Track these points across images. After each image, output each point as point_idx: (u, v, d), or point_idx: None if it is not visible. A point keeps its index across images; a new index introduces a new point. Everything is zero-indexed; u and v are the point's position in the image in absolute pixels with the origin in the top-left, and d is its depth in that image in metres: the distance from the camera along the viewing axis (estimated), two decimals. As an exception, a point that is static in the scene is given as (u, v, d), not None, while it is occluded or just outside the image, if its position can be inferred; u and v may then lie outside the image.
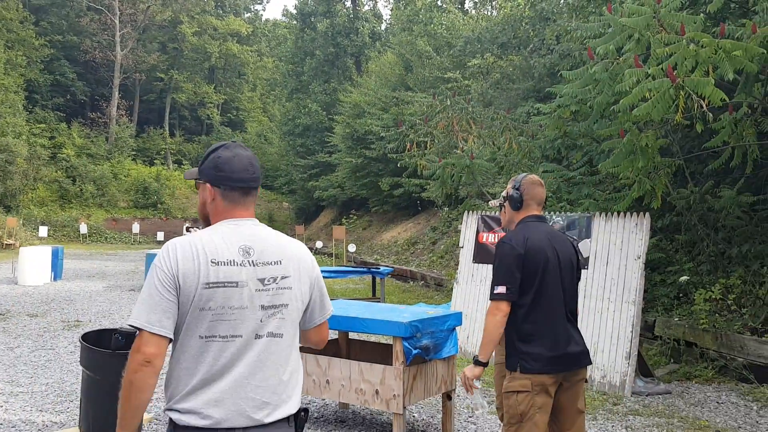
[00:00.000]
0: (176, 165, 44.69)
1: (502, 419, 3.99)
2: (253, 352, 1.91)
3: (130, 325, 1.86)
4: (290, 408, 1.97)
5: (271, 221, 39.38)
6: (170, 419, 1.89)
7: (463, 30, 21.53)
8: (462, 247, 8.40)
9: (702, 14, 6.28)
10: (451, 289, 13.39)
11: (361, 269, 11.19)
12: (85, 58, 44.35)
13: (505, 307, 3.02)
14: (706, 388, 6.89)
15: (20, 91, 36.51)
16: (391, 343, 5.33)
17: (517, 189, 3.28)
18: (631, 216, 6.85)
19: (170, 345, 1.89)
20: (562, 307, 3.16)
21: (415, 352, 4.55)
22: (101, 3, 44.70)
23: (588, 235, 6.87)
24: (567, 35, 10.64)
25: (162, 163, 43.15)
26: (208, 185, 2.03)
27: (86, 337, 4.84)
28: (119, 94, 43.95)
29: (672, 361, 7.78)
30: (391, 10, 38.64)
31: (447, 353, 4.88)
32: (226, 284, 1.88)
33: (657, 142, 6.97)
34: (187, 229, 4.89)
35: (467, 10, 27.03)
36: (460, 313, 5.13)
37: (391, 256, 22.05)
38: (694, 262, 8.96)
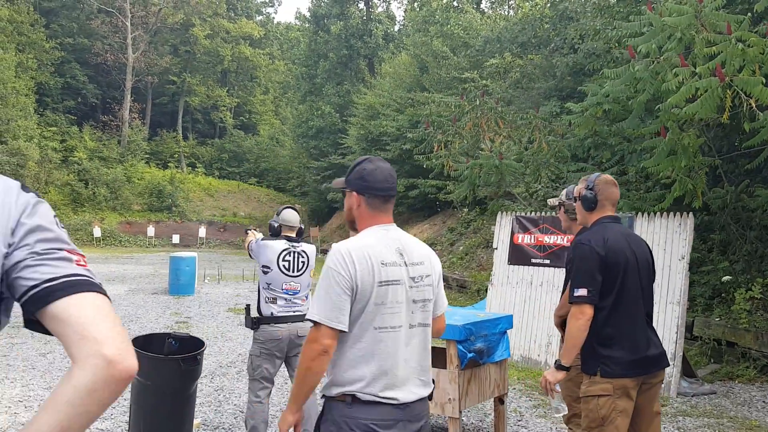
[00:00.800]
0: (190, 168, 44.76)
1: (567, 423, 3.93)
2: (412, 339, 2.29)
3: (309, 319, 2.19)
4: (431, 384, 2.39)
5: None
6: (351, 395, 2.21)
7: (481, 30, 21.45)
8: (496, 249, 8.33)
9: (749, 14, 6.19)
10: (476, 290, 13.36)
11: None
12: (96, 60, 44.44)
13: (588, 311, 2.96)
14: (750, 388, 6.81)
15: (31, 94, 36.58)
16: (440, 345, 5.28)
17: (591, 189, 3.20)
18: (674, 216, 6.77)
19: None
20: (642, 309, 3.12)
21: (469, 356, 4.49)
22: (112, 5, 44.83)
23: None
24: (596, 35, 10.54)
25: (176, 166, 43.18)
26: (354, 193, 2.37)
27: (134, 342, 4.79)
28: (131, 97, 44.04)
29: (712, 361, 7.69)
30: (404, 12, 38.61)
31: (499, 357, 4.82)
32: (392, 282, 2.23)
33: (697, 141, 6.89)
34: (246, 231, 5.04)
35: (483, 10, 26.96)
36: (511, 315, 5.07)
37: (409, 257, 21.99)
38: (728, 262, 8.87)
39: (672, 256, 6.64)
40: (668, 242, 6.69)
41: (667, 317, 6.58)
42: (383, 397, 2.20)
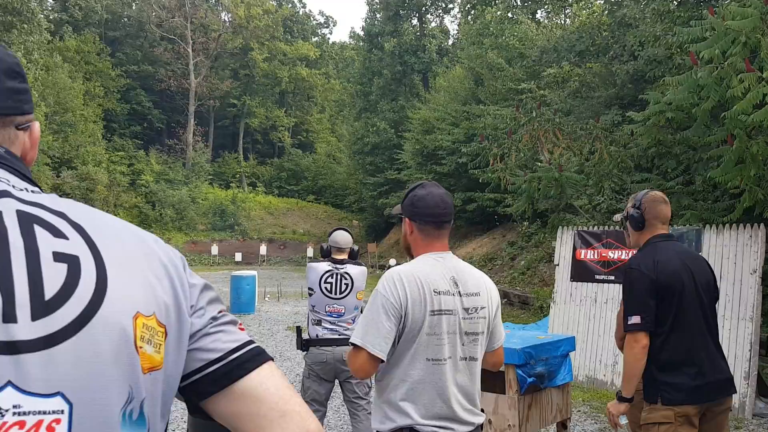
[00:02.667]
0: (251, 187, 45.75)
1: None
2: (460, 373, 2.21)
3: (351, 342, 2.15)
4: (480, 418, 2.29)
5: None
6: (409, 428, 2.15)
7: (537, 40, 21.17)
8: (557, 265, 8.11)
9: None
10: (539, 307, 13.05)
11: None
12: (160, 86, 46.11)
13: (642, 338, 2.84)
14: (835, 411, 6.36)
15: (99, 121, 38.23)
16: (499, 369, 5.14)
17: (638, 208, 3.05)
18: (744, 228, 6.44)
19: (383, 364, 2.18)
20: (704, 332, 2.94)
21: (530, 380, 4.35)
22: (174, 33, 46.47)
23: (698, 249, 6.48)
24: (656, 41, 10.21)
25: (237, 186, 44.25)
26: (407, 220, 2.34)
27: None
28: (194, 120, 45.44)
29: (791, 381, 7.24)
30: (458, 26, 38.58)
31: (561, 380, 4.65)
32: (444, 312, 2.16)
33: (766, 148, 6.55)
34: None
35: (539, 20, 26.62)
36: (573, 337, 4.90)
37: (468, 272, 21.72)
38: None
39: (743, 270, 6.31)
40: (738, 255, 6.36)
41: (739, 334, 6.24)
42: (441, 427, 2.16)
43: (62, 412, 0.73)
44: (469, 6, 30.67)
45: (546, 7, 27.58)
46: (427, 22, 39.15)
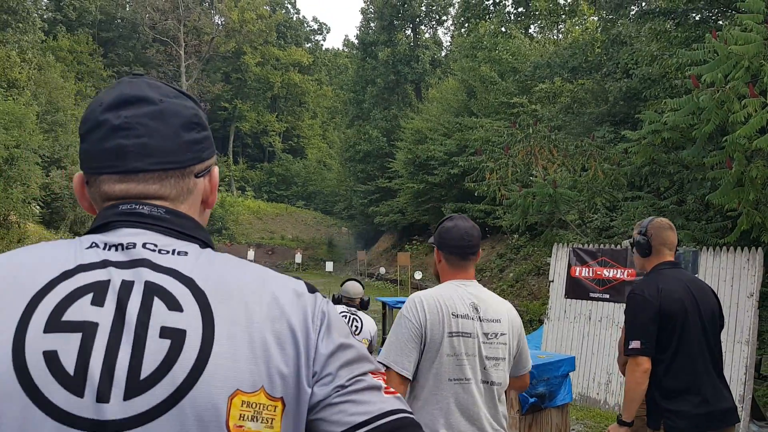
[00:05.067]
0: (240, 191, 45.58)
1: None
2: (483, 394, 2.29)
3: (379, 361, 2.09)
4: None
5: (330, 246, 39.59)
6: None
7: (530, 55, 21.30)
8: (552, 281, 8.12)
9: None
10: (528, 320, 13.04)
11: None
12: (151, 88, 45.90)
13: (644, 363, 2.86)
14: (826, 435, 6.40)
15: (89, 121, 37.95)
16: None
17: (644, 234, 3.08)
18: (742, 251, 6.47)
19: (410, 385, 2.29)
20: (707, 360, 2.97)
21: (531, 400, 4.34)
22: (167, 35, 46.33)
23: (695, 271, 6.51)
24: (653, 61, 10.30)
25: (226, 190, 44.06)
26: (436, 248, 2.50)
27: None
28: (185, 123, 45.24)
29: (783, 403, 7.28)
30: (452, 37, 38.75)
31: (561, 401, 4.65)
32: (462, 334, 2.27)
33: (765, 172, 6.60)
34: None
35: (532, 35, 26.81)
36: (573, 357, 4.90)
37: (457, 283, 21.71)
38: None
39: (740, 293, 6.33)
40: (735, 278, 6.39)
41: (735, 357, 6.27)
42: None
43: None
44: (462, 19, 30.88)
45: (539, 22, 27.82)
46: (420, 33, 39.31)
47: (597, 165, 9.67)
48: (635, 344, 2.88)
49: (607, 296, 7.40)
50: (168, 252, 0.88)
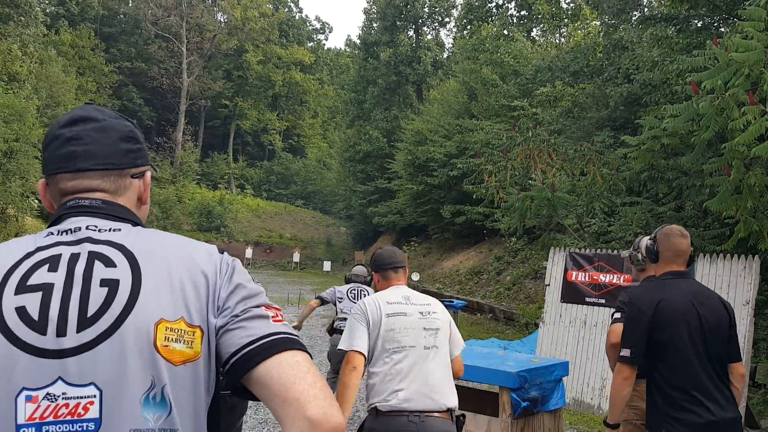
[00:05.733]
0: (239, 189, 45.56)
1: None
2: (428, 359, 2.93)
3: (339, 349, 2.95)
4: (452, 402, 2.92)
5: (328, 246, 39.56)
6: (375, 408, 2.85)
7: (532, 58, 21.29)
8: (548, 285, 8.10)
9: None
10: (524, 324, 13.04)
11: (435, 302, 10.88)
12: (152, 84, 45.87)
13: (625, 370, 2.95)
14: (820, 444, 6.39)
15: (89, 116, 37.88)
16: (488, 390, 5.11)
17: (654, 240, 3.12)
18: (739, 258, 6.46)
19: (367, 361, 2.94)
20: (709, 371, 2.96)
21: (523, 405, 4.32)
22: (169, 31, 46.30)
23: (687, 266, 6.49)
24: (654, 66, 10.28)
25: (225, 188, 44.04)
26: (375, 274, 3.28)
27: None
28: (185, 119, 45.20)
29: (777, 412, 7.26)
30: (454, 39, 38.73)
31: (554, 405, 4.63)
32: (398, 314, 2.98)
33: (764, 180, 6.59)
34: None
35: (534, 38, 26.79)
36: (567, 362, 4.88)
37: (454, 285, 21.69)
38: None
39: (736, 301, 6.32)
40: (732, 286, 6.39)
41: (731, 365, 6.25)
42: (399, 410, 2.80)
43: (94, 396, 1.03)
44: (465, 21, 30.86)
45: (542, 25, 27.80)
46: (423, 34, 39.27)
47: (596, 170, 9.65)
48: (625, 352, 2.96)
49: (603, 301, 7.39)
50: (105, 230, 1.17)
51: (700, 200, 8.17)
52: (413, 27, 38.80)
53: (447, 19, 39.49)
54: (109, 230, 1.17)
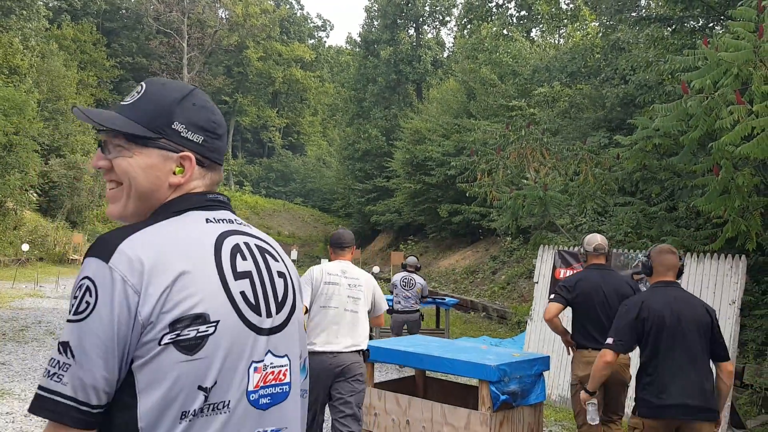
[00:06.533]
0: (237, 186, 45.56)
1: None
2: (346, 317, 4.22)
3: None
4: (361, 346, 4.26)
5: (327, 243, 39.52)
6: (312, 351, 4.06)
7: (530, 58, 21.29)
8: (537, 282, 8.12)
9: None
10: (516, 322, 13.05)
11: (427, 299, 10.95)
12: (153, 80, 45.87)
13: (607, 355, 3.62)
14: (805, 444, 6.41)
15: (90, 110, 37.89)
16: (471, 384, 5.13)
17: (648, 257, 3.78)
18: (726, 258, 6.47)
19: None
20: (685, 362, 3.50)
21: (503, 398, 4.34)
22: (171, 27, 46.31)
23: (677, 277, 6.51)
24: (648, 67, 10.29)
25: (224, 184, 44.04)
26: (329, 247, 4.57)
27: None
28: (185, 115, 45.16)
29: (763, 411, 7.28)
30: (454, 39, 38.74)
31: (534, 399, 4.65)
32: (333, 282, 4.25)
33: (752, 180, 6.60)
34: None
35: (533, 38, 26.79)
36: (548, 357, 4.90)
37: (450, 284, 21.71)
38: (784, 307, 8.43)
39: (722, 300, 6.34)
40: (718, 286, 6.40)
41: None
42: (321, 351, 4.10)
43: (287, 365, 1.33)
44: (465, 20, 30.87)
45: (541, 26, 27.82)
46: (423, 33, 39.28)
47: (588, 169, 9.66)
48: (609, 340, 3.64)
49: (591, 299, 7.38)
50: (242, 223, 1.37)
51: (692, 201, 8.18)
52: (414, 25, 38.82)
53: (447, 18, 39.52)
54: (243, 224, 1.38)
